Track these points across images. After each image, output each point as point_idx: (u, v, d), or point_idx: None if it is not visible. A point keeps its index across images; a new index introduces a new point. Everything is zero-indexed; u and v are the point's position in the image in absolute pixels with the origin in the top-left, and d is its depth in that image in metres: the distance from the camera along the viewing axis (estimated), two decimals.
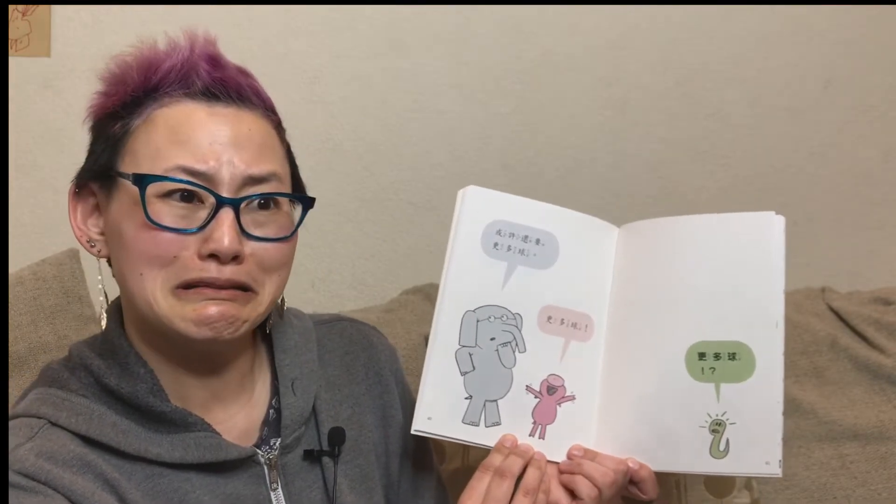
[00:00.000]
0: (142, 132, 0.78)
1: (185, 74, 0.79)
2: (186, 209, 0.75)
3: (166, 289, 0.75)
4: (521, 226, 0.93)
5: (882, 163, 1.69)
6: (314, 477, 0.85)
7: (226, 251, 0.74)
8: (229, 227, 0.75)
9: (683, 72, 1.61)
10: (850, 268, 1.68)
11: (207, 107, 0.79)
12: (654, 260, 0.93)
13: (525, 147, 1.59)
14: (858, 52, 1.65)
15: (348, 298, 1.57)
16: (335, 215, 1.55)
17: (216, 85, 0.80)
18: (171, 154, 0.76)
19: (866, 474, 1.35)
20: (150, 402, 0.78)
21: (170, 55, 0.80)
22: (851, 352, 1.43)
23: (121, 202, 0.77)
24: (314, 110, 1.53)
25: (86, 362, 0.80)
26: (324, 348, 0.93)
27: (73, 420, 0.76)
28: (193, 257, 0.75)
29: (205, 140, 0.76)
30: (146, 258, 0.75)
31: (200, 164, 0.75)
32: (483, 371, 0.89)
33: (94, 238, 0.81)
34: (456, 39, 1.55)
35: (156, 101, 0.79)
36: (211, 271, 0.75)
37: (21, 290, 1.18)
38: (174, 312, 0.75)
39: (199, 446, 0.78)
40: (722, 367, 0.88)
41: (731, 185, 1.65)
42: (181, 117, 0.78)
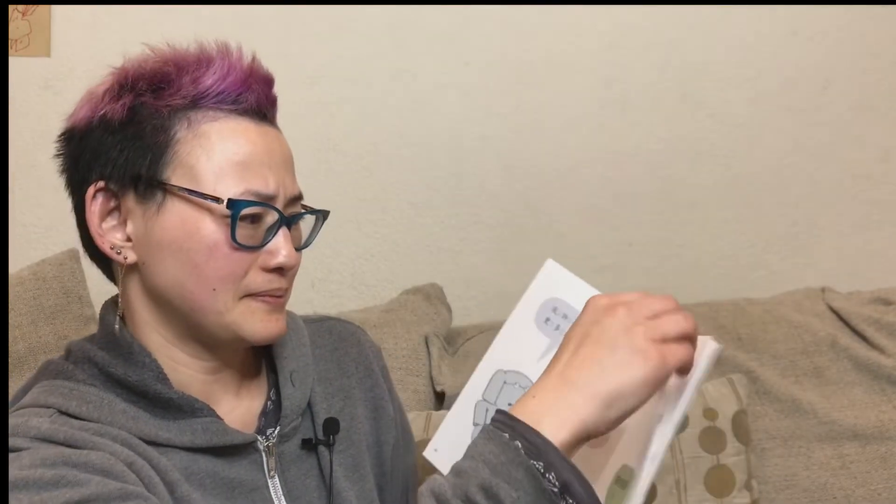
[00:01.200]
0: (195, 146, 0.78)
1: (234, 89, 0.79)
2: (251, 228, 0.79)
3: (236, 298, 0.79)
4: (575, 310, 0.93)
5: (882, 163, 1.69)
6: (310, 465, 0.88)
7: (292, 265, 0.81)
8: (289, 243, 0.81)
9: (683, 72, 1.61)
10: (850, 268, 1.68)
11: (257, 126, 0.81)
12: None
13: (525, 147, 1.59)
14: (858, 52, 1.65)
15: (348, 298, 1.57)
16: (335, 215, 1.54)
17: (268, 106, 0.83)
18: (237, 176, 0.78)
19: (866, 474, 1.35)
20: (158, 388, 0.79)
21: (210, 65, 0.79)
22: (851, 352, 1.43)
23: (181, 217, 0.77)
24: (314, 110, 1.53)
25: (89, 355, 0.81)
26: (314, 344, 0.96)
27: (84, 408, 0.77)
28: (259, 271, 0.80)
29: (265, 162, 0.80)
30: (222, 275, 0.78)
31: (266, 188, 0.79)
32: None
33: (119, 244, 0.80)
34: (456, 39, 1.55)
35: (200, 111, 0.78)
36: (275, 283, 0.80)
37: (21, 290, 1.18)
38: (244, 320, 0.80)
39: (205, 431, 0.80)
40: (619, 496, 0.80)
41: (731, 185, 1.65)
42: (236, 136, 0.79)
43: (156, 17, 1.45)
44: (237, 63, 0.80)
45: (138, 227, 0.79)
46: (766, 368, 1.42)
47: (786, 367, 1.43)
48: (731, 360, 1.42)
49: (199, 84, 0.78)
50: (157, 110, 0.78)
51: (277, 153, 0.81)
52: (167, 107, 0.78)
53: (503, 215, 1.60)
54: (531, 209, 1.62)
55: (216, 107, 0.79)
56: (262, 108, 0.82)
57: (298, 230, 0.86)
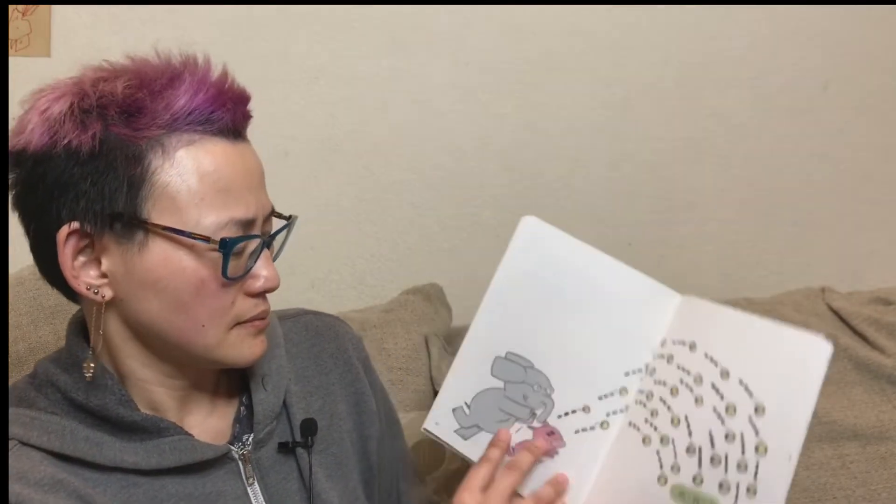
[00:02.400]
0: (172, 176, 0.73)
1: (209, 109, 0.74)
2: (236, 258, 0.77)
3: (226, 330, 0.78)
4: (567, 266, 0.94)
5: (882, 163, 1.69)
6: (289, 469, 0.86)
7: (277, 286, 0.80)
8: (270, 263, 0.80)
9: (683, 72, 1.61)
10: (850, 268, 1.68)
11: (232, 145, 0.76)
12: (690, 351, 0.89)
13: (525, 147, 1.59)
14: (858, 52, 1.65)
15: (348, 298, 1.57)
16: (335, 215, 1.55)
17: (243, 123, 0.79)
18: (219, 206, 0.74)
19: (866, 474, 1.35)
20: (121, 412, 0.78)
21: (181, 83, 0.74)
22: (851, 352, 1.43)
23: (165, 255, 0.74)
24: (314, 110, 1.53)
25: (52, 379, 0.79)
26: (290, 342, 0.94)
27: (45, 438, 0.76)
28: (244, 297, 0.79)
29: (244, 185, 0.76)
30: (211, 312, 0.76)
31: (247, 213, 0.76)
32: (493, 402, 0.92)
33: (94, 284, 0.76)
34: (456, 39, 1.55)
35: (174, 135, 0.73)
36: (261, 306, 0.80)
37: (21, 290, 1.18)
38: (233, 349, 0.79)
39: (174, 450, 0.78)
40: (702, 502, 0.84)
41: (731, 185, 1.65)
42: (215, 161, 0.74)
43: (156, 16, 1.44)
44: (206, 78, 0.76)
45: (116, 265, 0.75)
46: None
47: None
48: None
49: (172, 108, 0.73)
50: (130, 140, 0.72)
51: (255, 172, 0.78)
52: (143, 137, 0.72)
53: (503, 215, 1.60)
54: (531, 209, 1.61)
55: (189, 129, 0.74)
56: (238, 125, 0.78)
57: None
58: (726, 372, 0.85)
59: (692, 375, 0.87)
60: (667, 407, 0.87)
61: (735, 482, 0.81)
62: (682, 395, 0.86)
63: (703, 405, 0.85)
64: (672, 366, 0.89)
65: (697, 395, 0.86)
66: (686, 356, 0.88)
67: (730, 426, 0.83)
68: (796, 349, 0.84)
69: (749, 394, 0.83)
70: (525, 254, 0.94)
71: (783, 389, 0.82)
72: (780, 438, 0.81)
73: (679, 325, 0.90)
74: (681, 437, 0.85)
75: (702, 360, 0.86)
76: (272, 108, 1.52)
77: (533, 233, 0.94)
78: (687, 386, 0.86)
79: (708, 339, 0.87)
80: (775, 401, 0.82)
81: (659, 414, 0.87)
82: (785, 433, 0.81)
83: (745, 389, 0.83)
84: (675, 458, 0.85)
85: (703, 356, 0.87)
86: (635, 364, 0.91)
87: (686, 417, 0.85)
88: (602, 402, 0.91)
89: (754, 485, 0.81)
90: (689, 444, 0.84)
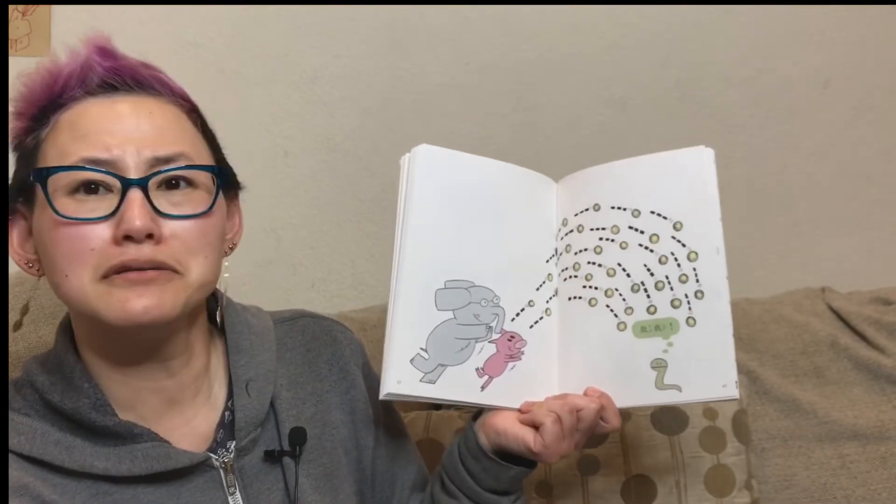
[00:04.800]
0: (49, 139, 0.78)
1: (82, 74, 0.79)
2: (96, 201, 0.75)
3: (94, 281, 0.74)
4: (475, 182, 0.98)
5: (882, 163, 1.69)
6: (274, 479, 0.84)
7: (138, 230, 0.73)
8: (140, 207, 0.74)
9: (683, 72, 1.61)
10: (850, 268, 1.68)
11: (107, 99, 0.79)
12: (595, 212, 0.97)
13: (525, 147, 1.59)
14: (858, 52, 1.65)
15: (348, 298, 1.57)
16: (335, 215, 1.55)
17: (110, 76, 0.80)
18: (73, 149, 0.76)
19: (866, 474, 1.35)
20: (93, 417, 0.77)
21: (69, 62, 0.80)
22: (851, 352, 1.43)
23: (38, 213, 0.78)
24: (314, 110, 1.53)
25: (32, 379, 0.79)
26: (284, 346, 0.92)
27: (16, 440, 0.75)
28: (111, 244, 0.74)
29: (104, 128, 0.76)
30: (67, 257, 0.74)
31: (103, 153, 0.75)
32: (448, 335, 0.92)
33: (31, 259, 0.81)
34: (456, 39, 1.55)
35: (60, 107, 0.79)
36: (130, 253, 0.74)
37: (21, 290, 1.18)
38: (101, 302, 0.74)
39: (146, 457, 0.77)
40: (664, 327, 0.93)
41: (731, 185, 1.65)
42: (81, 113, 0.78)
43: (156, 17, 1.45)
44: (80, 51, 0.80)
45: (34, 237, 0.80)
46: (766, 368, 1.42)
47: (786, 367, 1.43)
48: None
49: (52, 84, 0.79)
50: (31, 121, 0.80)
51: (126, 117, 0.77)
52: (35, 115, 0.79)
53: None
54: None
55: (70, 97, 0.79)
56: (107, 80, 0.79)
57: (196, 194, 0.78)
58: (637, 211, 0.95)
59: (608, 229, 0.95)
60: (598, 265, 0.95)
61: (683, 294, 0.91)
62: (607, 248, 0.95)
63: (629, 247, 0.94)
64: (585, 233, 0.96)
65: (621, 242, 0.95)
66: (594, 218, 0.96)
67: (659, 251, 0.93)
68: (685, 163, 0.96)
69: (664, 217, 0.93)
70: (429, 181, 0.95)
71: (689, 200, 0.93)
72: (704, 239, 0.92)
73: (572, 200, 0.98)
74: (622, 283, 0.94)
75: (610, 213, 0.96)
76: (272, 108, 1.52)
77: (429, 159, 0.97)
78: (608, 240, 0.95)
79: (606, 194, 0.96)
80: (687, 212, 0.93)
81: (594, 276, 0.95)
82: (706, 233, 0.92)
83: (659, 216, 0.94)
84: (624, 302, 0.94)
85: (609, 209, 0.96)
86: (549, 250, 0.98)
87: (619, 264, 0.94)
88: (539, 291, 0.97)
89: (699, 287, 0.91)
90: (632, 283, 0.93)
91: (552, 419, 0.87)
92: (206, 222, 0.78)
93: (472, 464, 0.91)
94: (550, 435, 0.87)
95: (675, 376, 0.90)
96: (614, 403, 0.91)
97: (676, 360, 0.90)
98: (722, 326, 0.90)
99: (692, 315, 0.91)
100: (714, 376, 0.89)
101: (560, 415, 0.87)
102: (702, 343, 0.90)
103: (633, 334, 0.92)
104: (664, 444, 1.26)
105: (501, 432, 0.90)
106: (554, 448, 0.87)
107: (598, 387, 0.92)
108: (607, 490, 1.23)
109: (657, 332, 0.91)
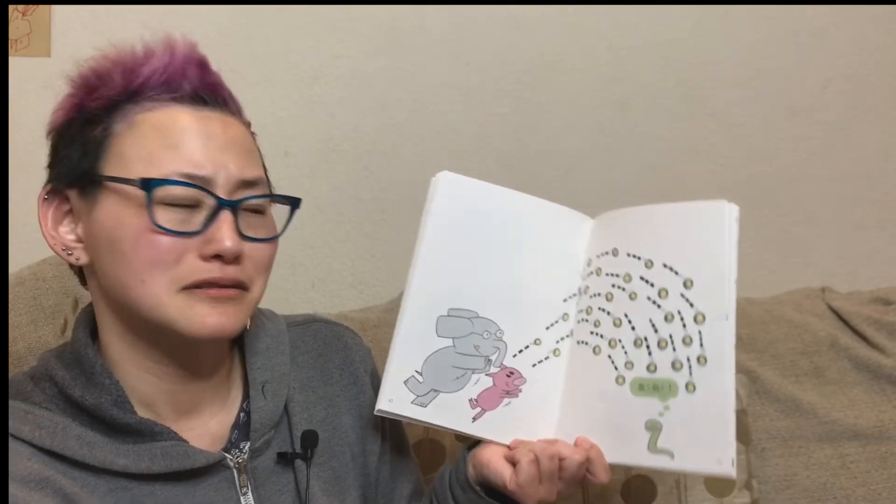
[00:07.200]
0: (128, 136, 0.77)
1: (169, 78, 0.78)
2: (185, 213, 0.76)
3: (173, 291, 0.76)
4: (491, 212, 0.96)
5: (882, 163, 1.69)
6: (285, 480, 0.85)
7: (230, 251, 0.76)
8: (230, 229, 0.76)
9: (683, 72, 1.61)
10: (850, 268, 1.68)
11: (195, 111, 0.79)
12: (613, 257, 0.93)
13: (525, 147, 1.59)
14: (858, 52, 1.65)
15: (348, 298, 1.57)
16: (335, 215, 1.55)
17: (205, 89, 0.80)
18: (165, 159, 0.76)
19: (866, 474, 1.35)
20: (114, 413, 0.77)
21: (149, 59, 0.79)
22: (851, 352, 1.43)
23: (110, 208, 0.76)
24: (314, 110, 1.53)
25: (51, 373, 0.79)
26: (297, 350, 0.93)
27: (37, 433, 0.75)
28: (197, 259, 0.76)
29: (198, 144, 0.77)
30: (149, 263, 0.75)
31: (198, 169, 0.76)
32: (445, 362, 0.91)
33: (70, 245, 0.80)
34: (456, 39, 1.55)
35: (138, 104, 0.78)
36: (215, 271, 0.76)
37: (21, 290, 1.18)
38: (181, 314, 0.76)
39: (165, 456, 0.78)
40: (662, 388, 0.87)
41: (731, 185, 1.65)
42: (169, 121, 0.77)
43: (156, 16, 1.45)
44: (169, 51, 0.79)
45: (85, 226, 0.78)
46: (766, 368, 1.42)
47: (786, 367, 1.43)
48: None
49: (134, 76, 0.78)
50: (94, 107, 0.78)
51: (219, 137, 0.78)
52: (102, 100, 0.78)
53: None
54: None
55: (152, 97, 0.78)
56: (200, 93, 0.80)
57: (268, 219, 0.82)
58: (650, 262, 0.89)
59: (621, 276, 0.91)
60: (606, 313, 0.91)
61: (685, 357, 0.85)
62: (617, 297, 0.90)
63: (637, 299, 0.89)
64: (602, 277, 0.92)
65: (630, 292, 0.90)
66: (611, 263, 0.92)
67: (666, 308, 0.87)
68: (704, 218, 0.89)
69: (675, 273, 0.87)
70: (448, 209, 0.94)
71: (703, 258, 0.88)
72: (713, 302, 0.85)
73: (598, 241, 0.95)
74: (626, 335, 0.89)
75: (626, 260, 0.91)
76: (272, 108, 1.52)
77: (451, 187, 0.95)
78: (619, 287, 0.90)
79: (626, 240, 0.92)
80: (699, 271, 0.87)
81: (601, 323, 0.91)
82: (717, 296, 0.86)
83: (671, 270, 0.88)
84: (625, 355, 0.88)
85: (625, 256, 0.91)
86: (570, 289, 0.95)
87: (626, 315, 0.89)
88: (549, 331, 0.94)
89: (703, 353, 0.84)
90: (636, 338, 0.88)
91: (528, 459, 0.85)
92: (274, 245, 0.83)
93: (459, 493, 0.91)
94: (524, 475, 0.85)
95: (669, 441, 0.84)
96: (604, 458, 0.87)
97: (671, 425, 0.84)
98: (722, 397, 0.83)
99: (692, 381, 0.84)
100: (710, 449, 0.82)
101: (539, 458, 0.85)
102: (699, 411, 0.83)
103: (630, 390, 0.87)
104: None
105: (485, 464, 0.89)
106: (529, 490, 0.85)
107: (591, 438, 0.87)
108: (607, 490, 1.23)
109: (655, 392, 0.86)
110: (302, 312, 1.02)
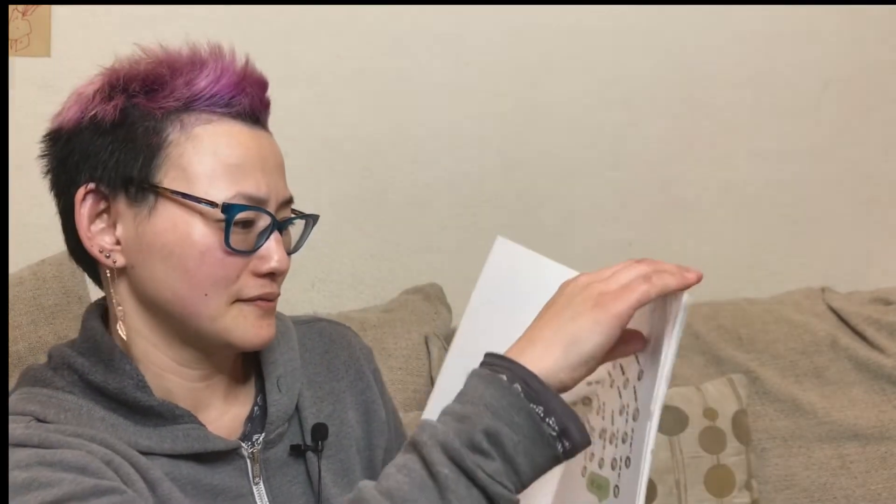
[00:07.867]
0: (187, 148, 0.77)
1: (227, 94, 0.79)
2: (244, 233, 0.78)
3: (227, 304, 0.79)
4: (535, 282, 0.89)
5: (882, 163, 1.69)
6: (296, 471, 0.87)
7: (284, 269, 0.80)
8: (281, 247, 0.80)
9: (683, 72, 1.61)
10: (850, 268, 1.68)
11: (250, 129, 0.80)
12: None
13: (525, 147, 1.59)
14: (858, 52, 1.65)
15: (348, 298, 1.57)
16: (335, 215, 1.55)
17: (262, 109, 0.83)
18: (229, 179, 0.77)
19: (866, 474, 1.35)
20: (138, 396, 0.78)
21: (205, 68, 0.78)
22: (851, 352, 1.43)
23: (173, 221, 0.76)
24: (314, 110, 1.53)
25: (69, 361, 0.80)
26: (304, 347, 0.94)
27: (62, 416, 0.76)
28: (250, 275, 0.79)
29: (257, 165, 0.79)
30: (214, 280, 0.77)
31: (258, 191, 0.78)
32: None
33: (108, 248, 0.78)
34: (456, 39, 1.55)
35: (193, 114, 0.78)
36: (267, 287, 0.80)
37: (21, 290, 1.18)
38: (235, 325, 0.79)
39: (187, 437, 0.79)
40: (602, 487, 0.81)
41: (730, 184, 1.65)
42: (229, 139, 0.78)
43: (156, 17, 1.45)
44: (230, 65, 0.80)
45: (129, 231, 0.78)
46: (766, 368, 1.42)
47: (786, 367, 1.43)
48: (731, 360, 1.42)
49: (193, 86, 0.77)
50: (149, 112, 0.77)
51: (270, 157, 0.81)
52: (160, 109, 0.77)
53: (503, 215, 1.60)
54: (531, 209, 1.61)
55: (209, 109, 0.78)
56: (256, 111, 0.81)
57: (289, 234, 0.85)
58: None
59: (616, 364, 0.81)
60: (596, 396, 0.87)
61: (621, 455, 0.76)
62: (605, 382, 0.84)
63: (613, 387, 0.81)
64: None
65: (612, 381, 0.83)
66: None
67: (624, 398, 0.78)
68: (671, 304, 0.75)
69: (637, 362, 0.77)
70: (495, 273, 0.96)
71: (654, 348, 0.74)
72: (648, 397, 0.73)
73: None
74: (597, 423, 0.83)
75: None
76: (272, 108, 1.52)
77: (504, 252, 0.96)
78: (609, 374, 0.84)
79: None
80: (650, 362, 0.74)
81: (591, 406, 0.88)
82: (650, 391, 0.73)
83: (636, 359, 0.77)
84: (592, 446, 0.80)
85: None
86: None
87: (604, 404, 0.83)
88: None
89: (629, 453, 0.74)
90: (602, 428, 0.81)
91: None
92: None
93: None
94: None
95: None
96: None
97: None
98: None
99: (619, 483, 0.75)
100: None
101: None
102: None
103: (585, 484, 0.81)
104: (664, 444, 1.26)
105: None
106: None
107: None
108: None
109: (597, 490, 0.79)
110: (302, 312, 1.02)
